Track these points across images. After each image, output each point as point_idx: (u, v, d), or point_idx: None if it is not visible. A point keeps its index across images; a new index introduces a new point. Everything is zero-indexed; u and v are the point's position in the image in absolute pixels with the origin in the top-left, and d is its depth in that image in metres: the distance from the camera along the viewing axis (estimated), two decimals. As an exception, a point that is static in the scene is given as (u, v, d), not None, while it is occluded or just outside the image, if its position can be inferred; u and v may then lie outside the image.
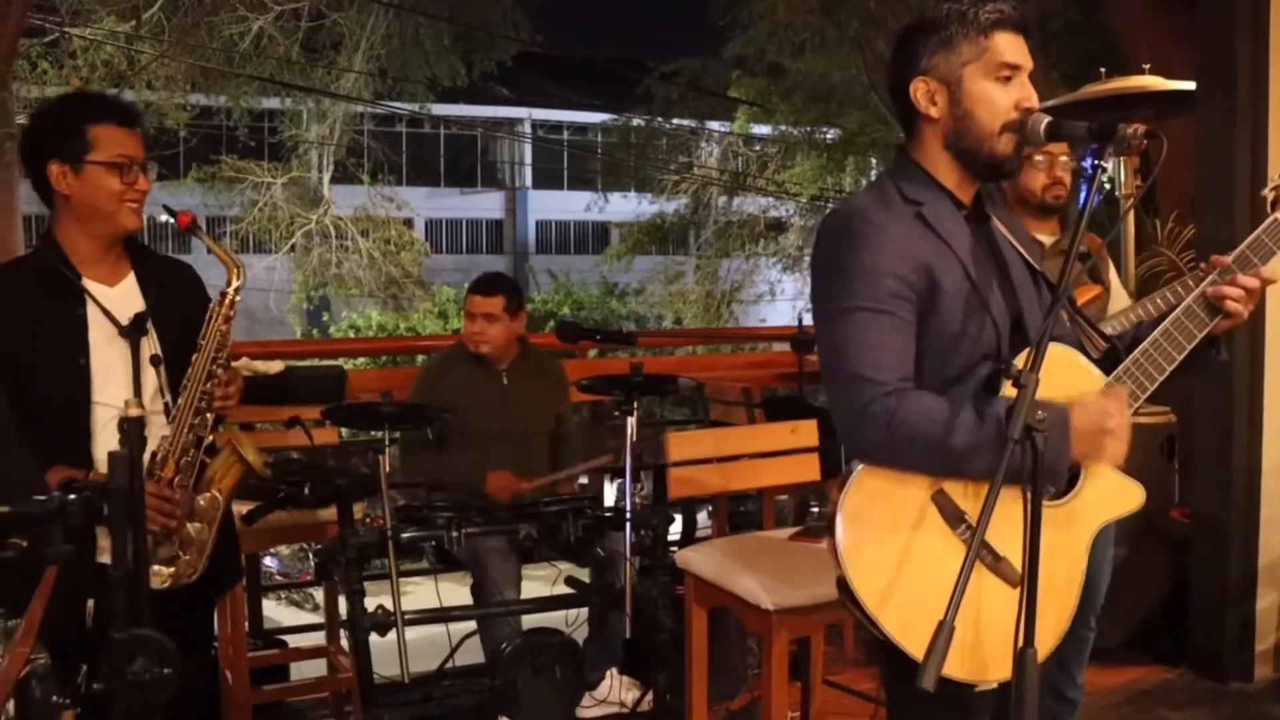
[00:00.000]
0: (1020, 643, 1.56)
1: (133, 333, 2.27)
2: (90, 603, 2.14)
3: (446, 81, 16.60)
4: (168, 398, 2.32)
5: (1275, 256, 1.92)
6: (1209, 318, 1.85)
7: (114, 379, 2.26)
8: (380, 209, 19.28)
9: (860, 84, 12.64)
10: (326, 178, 19.01)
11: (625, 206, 21.66)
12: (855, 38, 11.37)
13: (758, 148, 19.17)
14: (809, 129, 16.13)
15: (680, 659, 3.06)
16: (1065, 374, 1.78)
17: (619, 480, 3.57)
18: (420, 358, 6.88)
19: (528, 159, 29.83)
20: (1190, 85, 3.98)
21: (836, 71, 12.70)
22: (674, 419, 7.86)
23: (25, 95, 13.44)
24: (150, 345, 2.31)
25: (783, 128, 17.02)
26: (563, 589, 3.55)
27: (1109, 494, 1.84)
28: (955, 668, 1.64)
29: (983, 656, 1.72)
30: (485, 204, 29.58)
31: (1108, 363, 1.86)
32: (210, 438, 2.31)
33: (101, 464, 2.23)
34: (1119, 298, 3.32)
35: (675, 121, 18.55)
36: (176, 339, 2.34)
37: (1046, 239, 3.00)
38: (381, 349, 11.92)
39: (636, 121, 18.91)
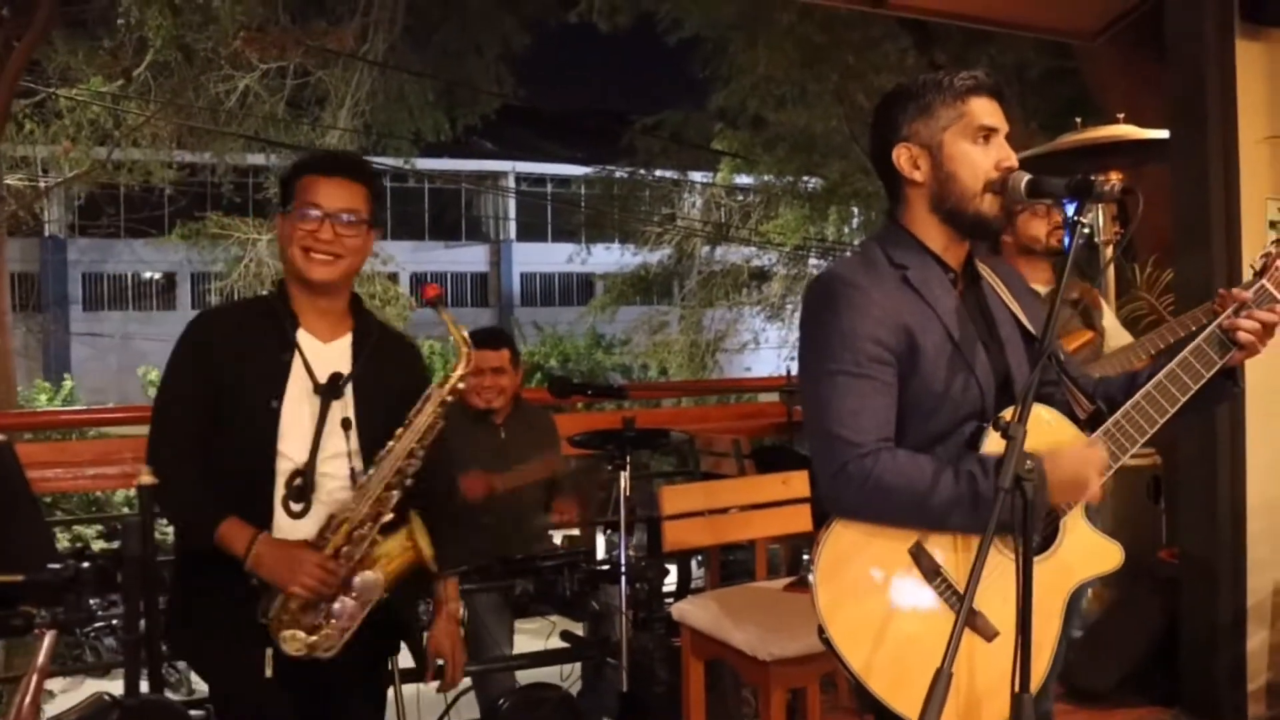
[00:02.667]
0: (1016, 688, 1.58)
1: (326, 392, 2.24)
2: (269, 651, 2.14)
3: (430, 136, 16.70)
4: (355, 464, 2.26)
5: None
6: (1219, 354, 1.85)
7: (299, 432, 2.23)
8: (366, 263, 19.32)
9: (841, 135, 12.81)
10: (312, 234, 19.07)
11: (609, 258, 21.76)
12: (835, 90, 11.56)
13: (740, 198, 19.34)
14: (791, 179, 16.29)
15: (677, 711, 3.06)
16: (1047, 434, 1.81)
17: (610, 533, 3.56)
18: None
19: (511, 212, 29.99)
20: (1163, 133, 4.07)
21: (818, 123, 12.87)
22: (663, 470, 7.87)
23: (11, 154, 13.54)
24: (343, 408, 2.26)
25: (766, 178, 17.19)
26: (558, 643, 3.55)
27: (1088, 552, 1.86)
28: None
29: (961, 708, 1.75)
30: (469, 257, 29.70)
31: (1093, 424, 1.88)
32: (390, 515, 2.23)
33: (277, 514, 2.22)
34: (1117, 337, 3.37)
35: (658, 173, 18.70)
36: (375, 409, 2.28)
37: (1041, 288, 3.07)
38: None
39: (619, 173, 19.04)
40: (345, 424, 2.24)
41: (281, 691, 2.20)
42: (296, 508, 2.20)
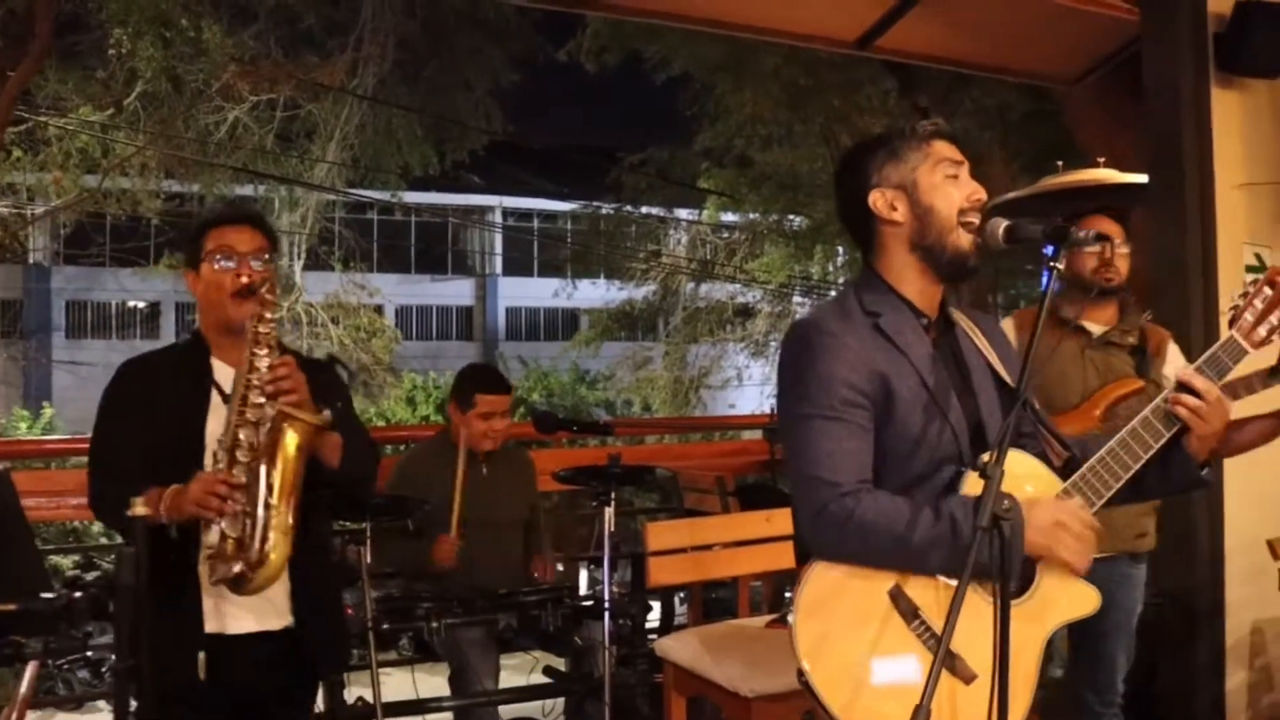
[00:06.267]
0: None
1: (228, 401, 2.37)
2: (201, 655, 2.27)
3: (418, 170, 16.77)
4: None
5: (1231, 372, 1.96)
6: (1165, 428, 1.90)
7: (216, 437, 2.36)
8: (352, 296, 19.33)
9: (826, 174, 12.91)
10: (299, 265, 19.08)
11: (594, 293, 21.81)
12: (821, 131, 11.70)
13: (726, 236, 19.44)
14: (777, 218, 16.40)
15: (659, 747, 3.06)
16: (1024, 480, 1.84)
17: (593, 568, 3.57)
18: (389, 448, 6.88)
19: (498, 247, 30.07)
20: (1142, 178, 4.14)
21: (803, 163, 13.00)
22: (647, 507, 7.88)
23: (-1, 181, 13.54)
24: None
25: (751, 216, 17.29)
26: (540, 678, 3.55)
27: (1065, 596, 1.88)
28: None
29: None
30: (455, 291, 29.73)
31: (1067, 471, 1.92)
32: (267, 417, 2.31)
33: None
34: None
35: (644, 210, 18.78)
36: None
37: (1098, 328, 3.08)
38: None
39: (606, 209, 19.12)
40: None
41: (214, 705, 2.33)
42: None
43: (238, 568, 2.23)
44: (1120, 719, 3.12)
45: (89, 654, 6.17)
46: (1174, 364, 3.24)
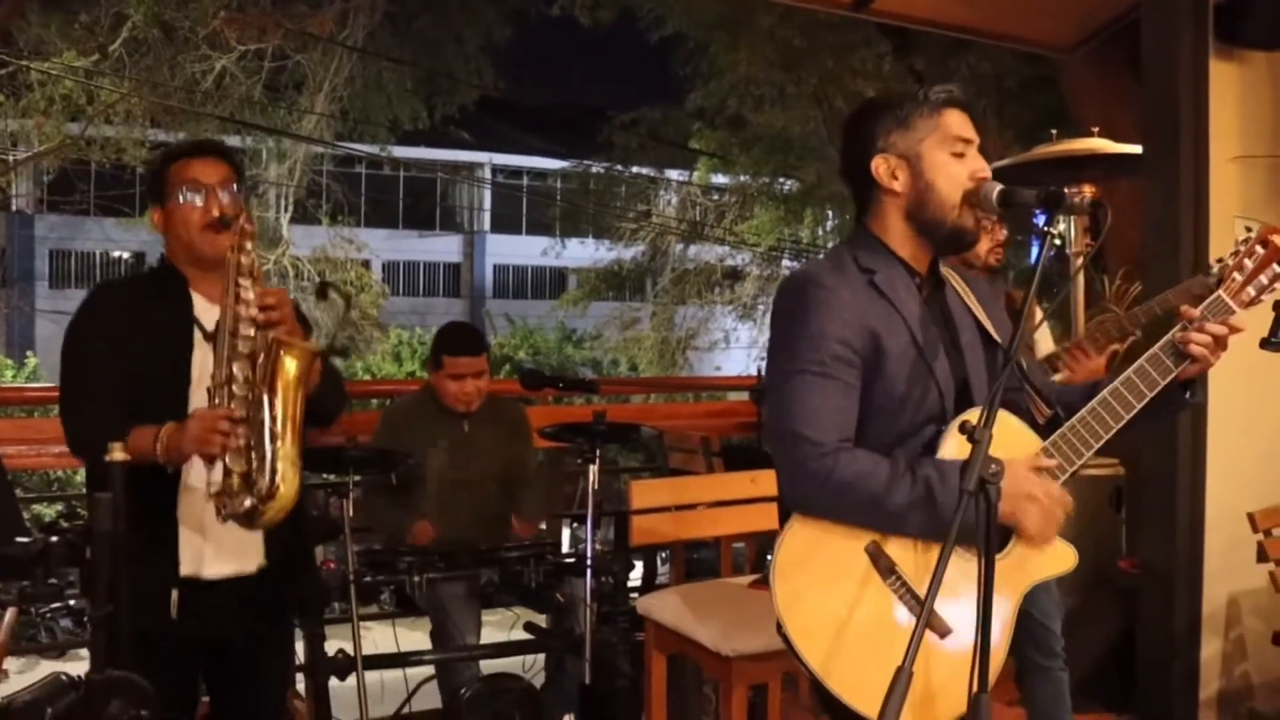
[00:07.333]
0: (975, 688, 1.61)
1: (216, 337, 2.33)
2: (174, 593, 2.25)
3: (408, 124, 16.62)
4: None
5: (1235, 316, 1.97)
6: (1175, 364, 1.91)
7: (205, 379, 2.32)
8: (339, 250, 19.21)
9: (819, 137, 12.84)
10: (285, 218, 18.92)
11: (583, 252, 21.73)
12: (814, 93, 11.62)
13: (716, 197, 19.37)
14: (768, 180, 16.34)
15: (638, 705, 3.08)
16: (1006, 438, 1.83)
17: (576, 525, 3.57)
18: (374, 401, 6.87)
19: (486, 204, 29.90)
20: (1136, 148, 4.12)
21: (795, 125, 12.92)
22: (631, 466, 7.90)
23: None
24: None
25: (742, 178, 17.22)
26: (521, 634, 3.56)
27: (1042, 554, 1.89)
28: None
29: (915, 703, 1.76)
30: (443, 247, 29.59)
31: (1051, 428, 1.93)
32: (260, 354, 2.26)
33: None
34: (1044, 350, 3.44)
35: (635, 169, 18.69)
36: None
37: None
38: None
39: (596, 168, 19.02)
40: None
41: (188, 648, 2.32)
42: None
43: (248, 502, 2.18)
44: (1066, 671, 3.16)
45: (71, 602, 6.17)
46: (1044, 328, 3.34)
